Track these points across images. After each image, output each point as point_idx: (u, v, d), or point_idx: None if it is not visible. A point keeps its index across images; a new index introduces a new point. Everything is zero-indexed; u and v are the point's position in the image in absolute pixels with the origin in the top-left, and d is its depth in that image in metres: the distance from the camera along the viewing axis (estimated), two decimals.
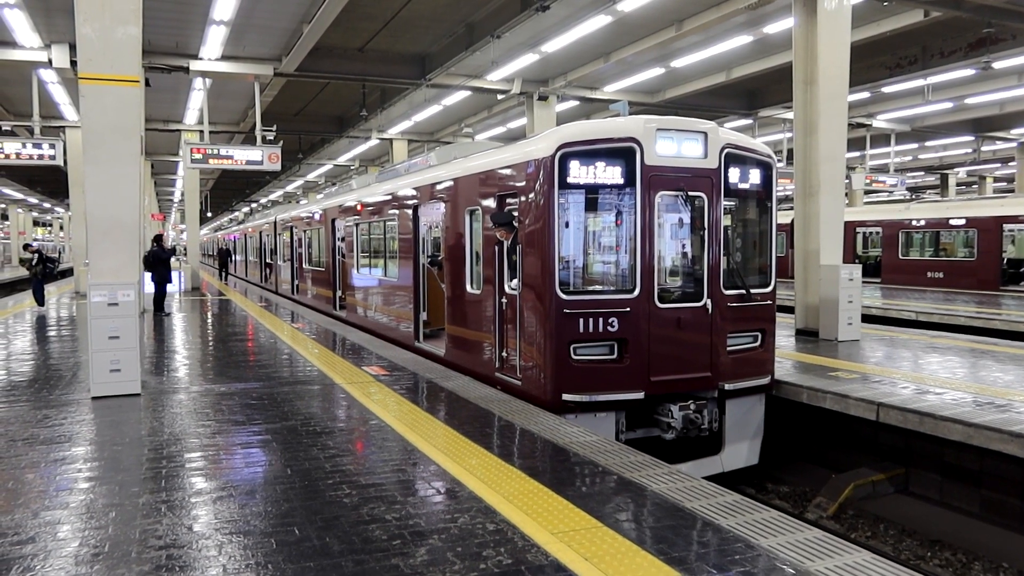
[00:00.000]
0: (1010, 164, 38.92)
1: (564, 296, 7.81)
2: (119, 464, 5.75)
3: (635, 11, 14.43)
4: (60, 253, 60.06)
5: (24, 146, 16.87)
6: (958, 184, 42.98)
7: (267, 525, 4.51)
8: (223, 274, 34.59)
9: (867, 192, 32.25)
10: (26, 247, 20.93)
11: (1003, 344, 11.90)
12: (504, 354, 8.78)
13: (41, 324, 15.37)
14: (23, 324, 15.41)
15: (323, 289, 19.05)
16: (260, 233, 31.08)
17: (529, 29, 15.48)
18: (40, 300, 18.76)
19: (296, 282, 22.87)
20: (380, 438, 6.47)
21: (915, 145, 32.98)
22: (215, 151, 16.90)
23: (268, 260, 29.01)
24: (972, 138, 29.49)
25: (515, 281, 8.43)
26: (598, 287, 8.23)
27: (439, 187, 10.82)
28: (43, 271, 18.58)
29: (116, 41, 8.38)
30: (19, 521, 4.57)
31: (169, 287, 17.62)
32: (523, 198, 8.24)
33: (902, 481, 8.29)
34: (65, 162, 17.92)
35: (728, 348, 8.46)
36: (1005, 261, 21.59)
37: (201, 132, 18.41)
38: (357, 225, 15.62)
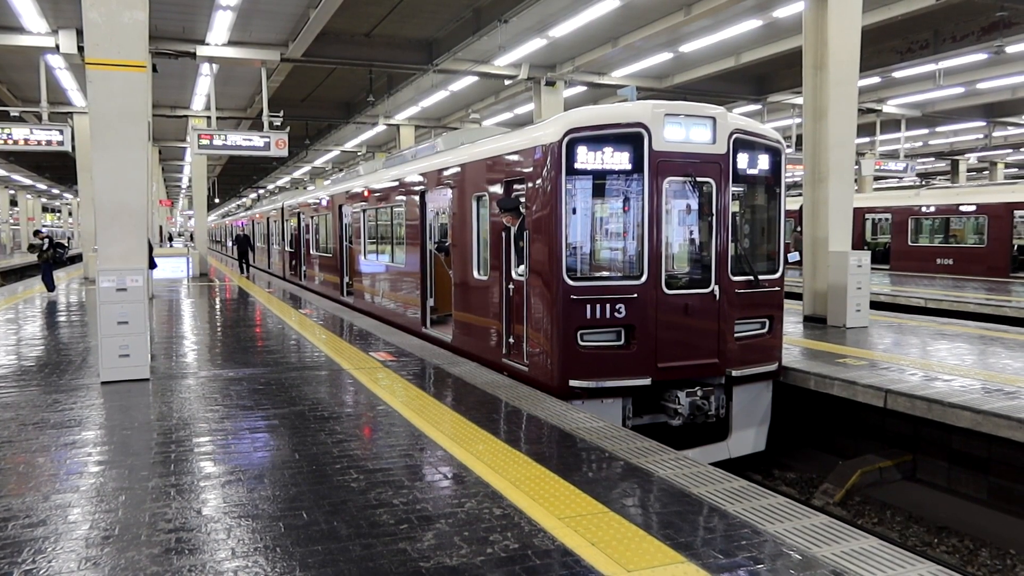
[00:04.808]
0: (1022, 150, 38.63)
1: (571, 282, 7.80)
2: (129, 448, 5.79)
3: None
4: (69, 239, 60.28)
5: (32, 132, 16.90)
6: (969, 170, 42.62)
7: (275, 509, 4.53)
8: (243, 266, 28.52)
9: (877, 178, 32.02)
10: (36, 233, 21.05)
11: (1013, 331, 11.83)
12: (511, 340, 8.79)
13: (51, 310, 15.46)
14: (33, 310, 15.50)
15: (330, 275, 19.09)
16: (267, 219, 31.15)
17: (537, 13, 15.37)
18: (50, 286, 18.88)
19: (303, 268, 22.93)
20: (387, 423, 6.50)
21: (926, 131, 32.69)
22: (222, 137, 16.90)
23: (275, 246, 29.07)
24: (983, 124, 29.22)
25: (522, 267, 8.41)
26: (605, 273, 8.22)
27: (446, 173, 10.80)
28: (53, 256, 18.68)
29: (123, 26, 8.37)
30: (30, 504, 4.61)
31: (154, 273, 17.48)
32: (530, 184, 8.22)
33: (909, 468, 8.28)
34: (73, 148, 17.95)
35: (736, 334, 8.44)
36: (1015, 248, 21.44)
37: (208, 118, 18.42)
38: (364, 211, 15.62)
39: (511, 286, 8.76)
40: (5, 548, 3.98)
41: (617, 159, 7.85)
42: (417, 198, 11.99)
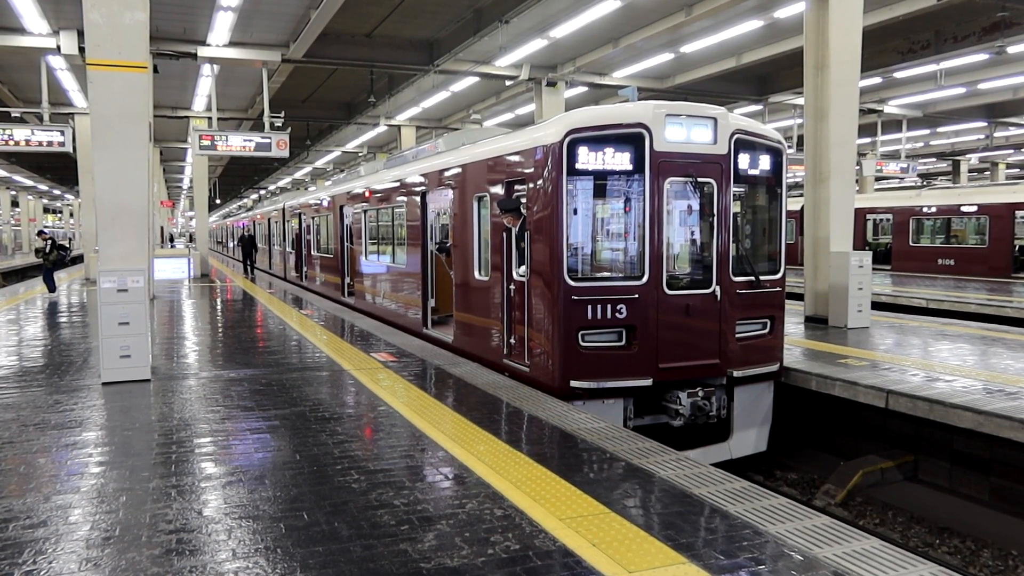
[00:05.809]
0: (1023, 150, 38.58)
1: (572, 283, 7.79)
2: (130, 449, 5.79)
3: None
4: (70, 240, 60.35)
5: (33, 133, 16.90)
6: (970, 171, 42.59)
7: (276, 510, 4.53)
8: (248, 268, 27.51)
9: (878, 179, 32.00)
10: (39, 234, 21.04)
11: (1014, 331, 11.82)
12: (512, 341, 8.78)
13: (52, 311, 15.46)
14: (34, 311, 15.50)
15: (331, 276, 19.09)
16: (268, 220, 31.19)
17: (538, 14, 15.37)
18: (51, 287, 18.88)
19: (305, 269, 22.95)
20: (388, 424, 6.49)
21: (927, 131, 32.66)
22: (223, 137, 16.91)
23: (276, 247, 29.11)
24: (985, 124, 29.19)
25: (523, 268, 8.41)
26: (606, 274, 8.21)
27: (447, 174, 10.80)
28: (58, 258, 18.68)
29: (124, 27, 8.39)
30: (31, 505, 4.61)
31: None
32: (531, 184, 8.21)
33: (911, 468, 8.27)
34: (74, 148, 17.97)
35: (737, 335, 8.44)
36: (1017, 248, 21.43)
37: (209, 119, 18.42)
38: (365, 212, 15.62)
39: (512, 287, 8.75)
40: (6, 549, 3.98)
41: (618, 159, 7.85)
42: (418, 199, 11.99)
